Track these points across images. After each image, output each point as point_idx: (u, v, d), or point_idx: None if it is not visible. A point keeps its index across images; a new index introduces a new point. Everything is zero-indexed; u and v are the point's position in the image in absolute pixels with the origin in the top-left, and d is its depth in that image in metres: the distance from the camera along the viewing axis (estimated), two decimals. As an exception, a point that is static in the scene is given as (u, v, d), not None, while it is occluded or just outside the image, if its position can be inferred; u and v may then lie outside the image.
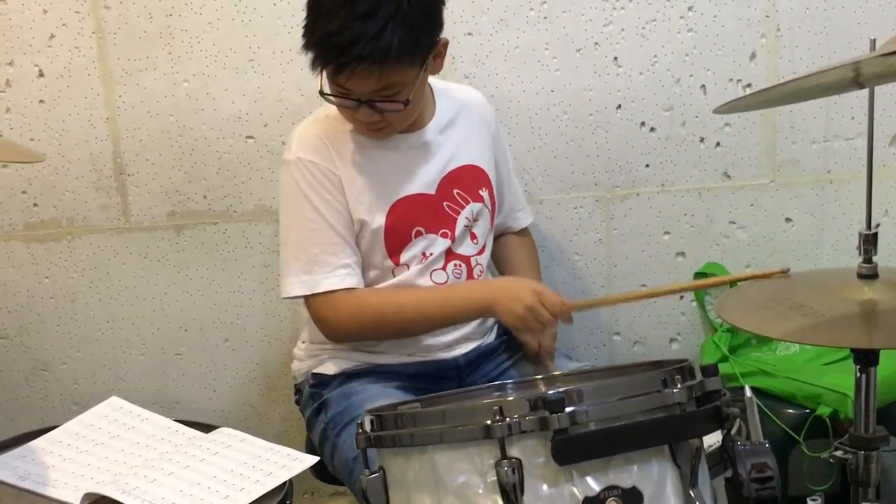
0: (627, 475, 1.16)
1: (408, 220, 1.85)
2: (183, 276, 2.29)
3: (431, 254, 1.87)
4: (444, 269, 1.89)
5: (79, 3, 2.14)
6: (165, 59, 2.18)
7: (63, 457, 1.61)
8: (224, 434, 1.66)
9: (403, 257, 1.86)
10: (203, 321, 2.32)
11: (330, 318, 1.82)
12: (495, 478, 1.14)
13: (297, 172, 1.81)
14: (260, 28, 2.17)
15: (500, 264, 2.08)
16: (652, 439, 1.17)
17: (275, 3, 2.16)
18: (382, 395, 1.80)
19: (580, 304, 1.82)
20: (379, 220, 1.83)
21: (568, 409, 1.13)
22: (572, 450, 1.13)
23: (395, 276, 1.87)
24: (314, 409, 1.89)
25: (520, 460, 1.14)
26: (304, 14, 1.73)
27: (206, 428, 1.71)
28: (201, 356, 2.34)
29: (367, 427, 1.27)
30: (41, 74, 2.19)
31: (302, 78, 2.15)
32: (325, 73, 1.73)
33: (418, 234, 1.86)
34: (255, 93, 2.21)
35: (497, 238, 2.06)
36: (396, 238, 1.85)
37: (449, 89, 1.98)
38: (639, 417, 1.17)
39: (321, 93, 1.75)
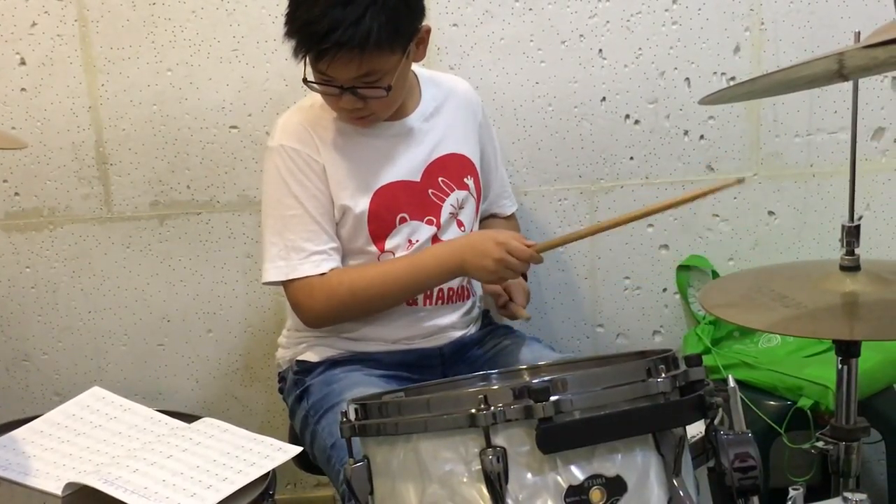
0: (611, 464, 1.16)
1: (392, 207, 1.86)
2: (166, 266, 2.28)
3: (417, 240, 1.88)
4: None
5: (61, -9, 2.13)
6: (149, 47, 2.17)
7: (44, 446, 1.61)
8: (207, 424, 1.66)
9: (388, 244, 1.86)
10: (186, 311, 2.31)
11: (305, 304, 1.83)
12: (480, 466, 1.14)
13: (279, 159, 1.82)
14: (244, 17, 2.16)
15: None
16: (636, 428, 1.17)
17: (259, -7, 2.16)
18: (364, 383, 1.80)
19: (546, 245, 1.82)
20: (362, 206, 1.84)
21: (553, 398, 1.13)
22: (557, 438, 1.13)
23: None
24: (296, 396, 1.90)
25: (504, 449, 1.13)
26: (287, 3, 1.74)
27: (189, 418, 1.70)
28: (184, 346, 2.33)
29: (352, 416, 1.27)
30: (23, 62, 2.17)
31: (286, 67, 2.14)
32: (307, 61, 1.74)
33: (402, 220, 1.87)
34: (239, 82, 2.20)
35: (482, 221, 2.07)
36: (380, 224, 1.85)
37: (435, 77, 1.98)
38: (623, 406, 1.17)
39: (305, 81, 1.76)
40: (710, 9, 2.22)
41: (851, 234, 1.63)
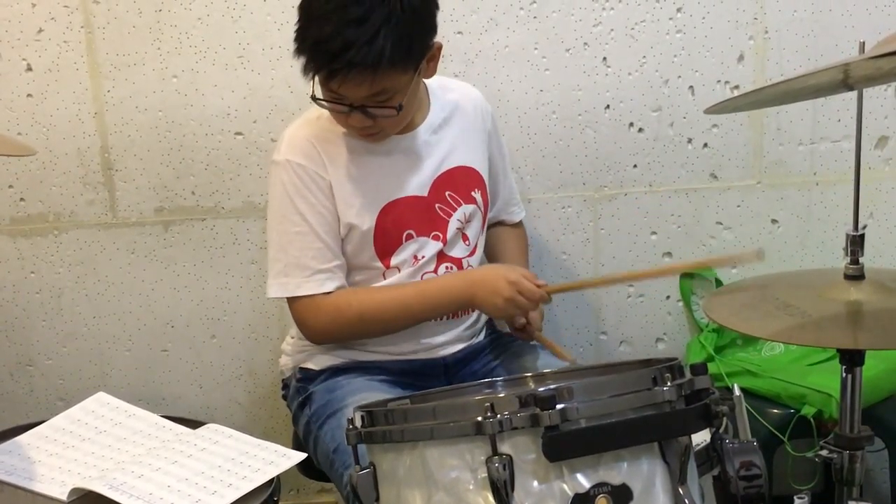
0: (617, 472, 1.16)
1: (399, 224, 1.85)
2: (170, 272, 2.29)
3: (423, 256, 1.87)
4: (435, 271, 1.88)
5: (68, -2, 2.14)
6: (154, 54, 2.18)
7: (49, 452, 1.61)
8: (212, 430, 1.66)
9: (394, 260, 1.86)
10: (190, 317, 2.31)
11: (310, 322, 1.83)
12: (486, 474, 1.14)
13: (285, 175, 1.81)
14: (250, 24, 2.17)
15: (489, 252, 2.07)
16: (642, 436, 1.18)
17: (265, 0, 2.16)
18: (366, 389, 1.80)
19: (557, 288, 1.84)
20: (369, 223, 1.82)
21: (559, 406, 1.13)
22: (563, 446, 1.13)
23: (385, 279, 1.86)
24: (300, 403, 1.89)
25: (510, 457, 1.14)
26: (294, 13, 1.73)
27: (194, 424, 1.71)
28: (188, 352, 2.33)
29: (358, 423, 1.27)
30: (29, 68, 2.17)
31: (291, 75, 2.15)
32: (317, 78, 1.72)
33: (409, 237, 1.86)
34: (244, 89, 2.20)
35: (490, 227, 2.06)
36: (387, 241, 1.84)
37: (443, 87, 1.95)
38: (629, 415, 1.18)
39: (314, 98, 1.74)
40: (713, 17, 2.23)
41: (856, 243, 1.63)
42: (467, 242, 1.93)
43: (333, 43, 1.63)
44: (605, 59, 2.24)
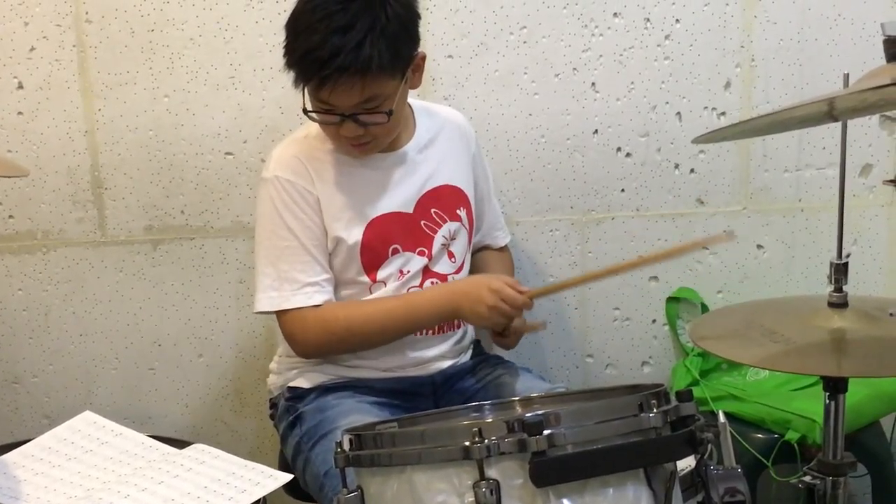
0: (603, 498, 1.17)
1: (384, 238, 1.87)
2: (158, 290, 2.29)
3: (409, 271, 1.89)
4: (420, 286, 1.90)
5: (60, 17, 2.14)
6: (146, 73, 2.18)
7: (35, 471, 1.61)
8: (198, 450, 1.66)
9: (380, 274, 1.88)
10: (177, 336, 2.31)
11: (298, 335, 1.85)
12: (473, 498, 1.15)
13: (274, 190, 1.83)
14: (242, 45, 2.18)
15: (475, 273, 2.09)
16: (628, 462, 1.19)
17: (257, 22, 2.17)
18: (357, 411, 1.81)
19: (538, 292, 1.86)
20: (355, 237, 1.85)
21: (546, 432, 1.14)
22: (550, 472, 1.14)
23: (371, 294, 1.88)
24: (289, 423, 1.90)
25: (498, 481, 1.15)
26: (285, 34, 1.76)
27: (181, 444, 1.71)
28: (175, 371, 2.33)
29: (346, 446, 1.28)
30: (20, 86, 2.18)
31: (282, 95, 2.16)
32: (307, 92, 1.75)
33: (395, 251, 1.88)
34: (235, 109, 2.21)
35: (475, 253, 2.09)
36: (373, 255, 1.87)
37: (429, 109, 2.00)
38: (615, 441, 1.19)
39: (305, 111, 1.77)
40: (701, 45, 2.25)
41: (839, 272, 1.65)
42: (453, 259, 1.95)
43: (322, 51, 1.67)
44: (593, 84, 2.26)
